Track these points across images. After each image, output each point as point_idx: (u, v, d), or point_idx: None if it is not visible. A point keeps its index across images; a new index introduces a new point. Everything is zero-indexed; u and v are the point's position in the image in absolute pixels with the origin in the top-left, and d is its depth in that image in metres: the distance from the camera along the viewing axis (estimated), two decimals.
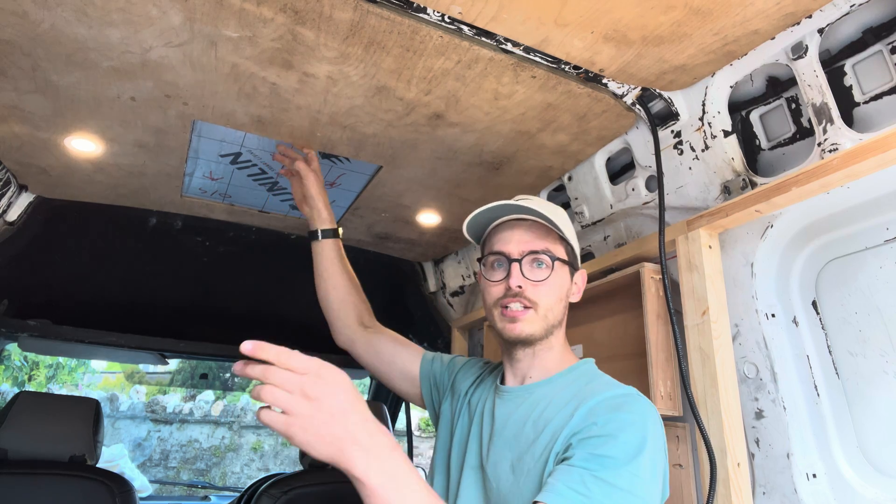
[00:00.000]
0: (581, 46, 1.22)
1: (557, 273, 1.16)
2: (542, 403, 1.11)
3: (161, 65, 1.32)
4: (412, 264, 2.77)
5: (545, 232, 1.18)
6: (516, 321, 1.13)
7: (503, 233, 1.19)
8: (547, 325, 1.15)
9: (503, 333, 1.15)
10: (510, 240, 1.17)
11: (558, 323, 1.18)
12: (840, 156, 1.07)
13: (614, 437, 0.95)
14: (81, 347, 2.79)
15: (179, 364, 12.74)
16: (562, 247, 1.19)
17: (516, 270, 1.13)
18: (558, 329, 1.19)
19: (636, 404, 1.03)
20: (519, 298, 1.13)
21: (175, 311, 2.73)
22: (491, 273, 1.18)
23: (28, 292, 2.42)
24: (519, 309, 1.13)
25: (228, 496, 4.41)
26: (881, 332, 1.17)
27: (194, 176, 1.92)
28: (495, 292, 1.16)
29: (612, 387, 1.08)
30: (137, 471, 8.65)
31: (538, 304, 1.13)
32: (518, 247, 1.15)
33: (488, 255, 1.19)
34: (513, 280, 1.12)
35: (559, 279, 1.17)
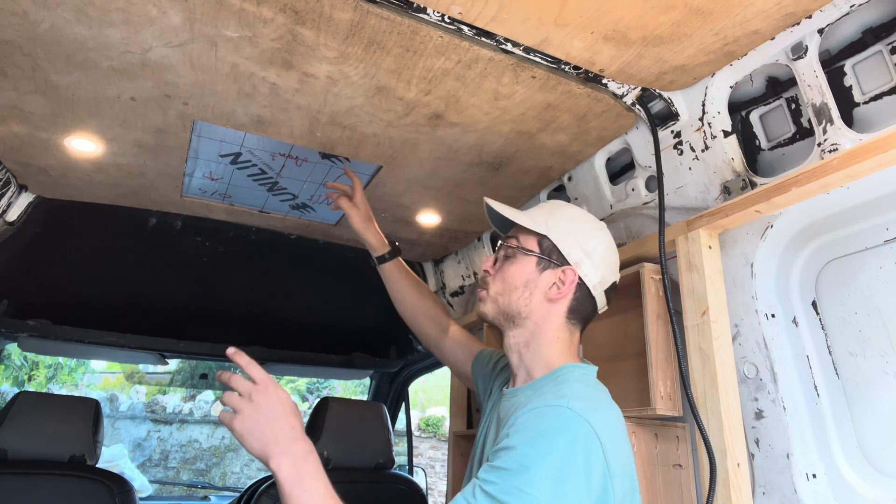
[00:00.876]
0: (581, 46, 1.22)
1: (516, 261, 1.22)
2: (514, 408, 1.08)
3: (161, 65, 1.32)
4: (412, 264, 2.77)
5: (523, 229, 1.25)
6: (480, 299, 1.26)
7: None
8: (498, 308, 1.22)
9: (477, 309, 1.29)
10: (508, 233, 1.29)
11: (519, 314, 1.18)
12: (840, 156, 1.07)
13: (513, 448, 0.93)
14: (81, 347, 2.79)
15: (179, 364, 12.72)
16: (533, 240, 1.21)
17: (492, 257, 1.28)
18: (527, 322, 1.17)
19: (555, 416, 0.97)
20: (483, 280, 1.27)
21: (175, 311, 2.72)
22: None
23: (28, 292, 2.42)
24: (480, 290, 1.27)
25: (228, 496, 4.41)
26: (881, 333, 1.17)
27: (194, 176, 1.92)
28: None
29: (554, 396, 1.02)
30: (137, 471, 8.65)
31: (489, 287, 1.24)
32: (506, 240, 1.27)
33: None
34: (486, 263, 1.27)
35: (515, 267, 1.21)
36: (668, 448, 1.46)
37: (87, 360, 11.25)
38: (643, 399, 1.43)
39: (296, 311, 2.89)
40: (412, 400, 3.67)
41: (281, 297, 2.83)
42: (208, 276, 2.60)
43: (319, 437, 2.28)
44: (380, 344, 3.15)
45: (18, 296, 2.40)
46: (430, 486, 3.57)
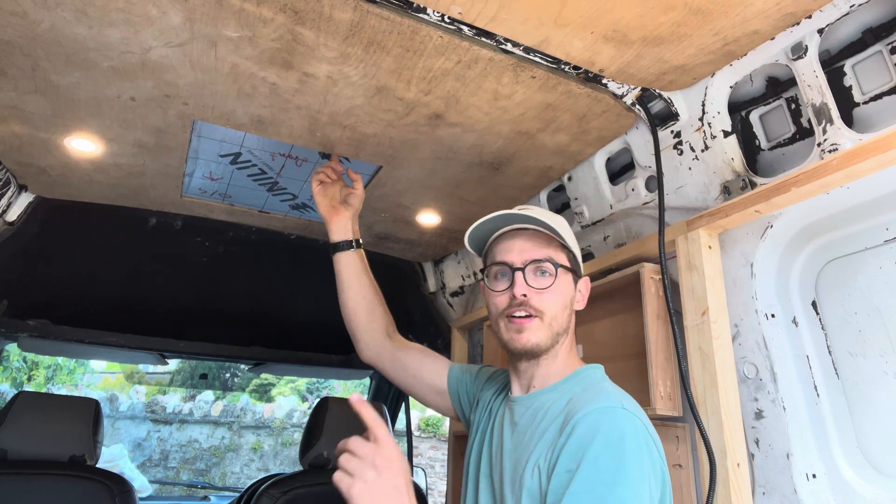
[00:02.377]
0: (581, 47, 1.22)
1: (561, 280, 1.15)
2: (540, 413, 1.10)
3: (161, 65, 1.32)
4: (412, 264, 2.77)
5: (547, 240, 1.17)
6: (522, 331, 1.11)
7: (504, 243, 1.18)
8: (552, 333, 1.13)
9: (509, 345, 1.14)
10: (512, 249, 1.16)
11: (564, 331, 1.16)
12: (840, 156, 1.07)
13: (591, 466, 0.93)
14: (81, 347, 2.79)
15: (179, 364, 12.74)
16: (564, 254, 1.19)
17: (520, 279, 1.12)
18: (564, 337, 1.17)
19: (610, 420, 0.98)
20: (524, 307, 1.11)
21: (175, 311, 2.72)
22: (495, 283, 1.17)
23: (28, 292, 2.42)
24: (525, 319, 1.11)
25: (228, 496, 4.41)
26: (881, 333, 1.17)
27: (194, 176, 1.92)
28: (500, 302, 1.14)
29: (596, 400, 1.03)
30: (137, 471, 8.65)
31: (543, 313, 1.12)
32: (521, 256, 1.15)
33: (491, 266, 1.18)
34: (517, 289, 1.11)
35: (563, 286, 1.16)
36: (668, 448, 1.46)
37: (87, 360, 11.25)
38: (643, 399, 1.42)
39: (296, 311, 2.89)
40: (412, 400, 3.66)
41: (281, 297, 2.83)
42: (208, 276, 2.60)
43: (319, 437, 2.28)
44: None
45: (18, 296, 2.40)
46: (430, 486, 3.57)
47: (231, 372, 13.59)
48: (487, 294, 1.19)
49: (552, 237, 1.18)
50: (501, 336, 1.16)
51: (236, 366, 11.96)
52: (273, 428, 11.51)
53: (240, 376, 13.66)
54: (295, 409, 11.83)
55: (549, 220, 1.15)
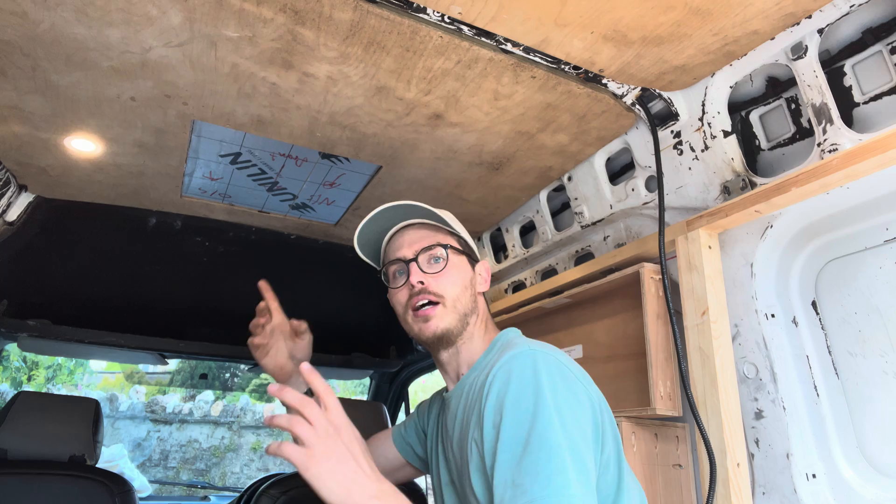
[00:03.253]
0: (581, 47, 1.22)
1: (453, 262, 1.17)
2: (471, 394, 1.09)
3: (161, 65, 1.32)
4: None
5: (434, 230, 1.20)
6: (429, 319, 1.12)
7: (394, 242, 1.21)
8: (459, 315, 1.13)
9: (421, 336, 1.14)
10: (402, 245, 1.19)
11: (471, 312, 1.16)
12: (840, 156, 1.07)
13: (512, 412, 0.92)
14: (81, 347, 2.79)
15: (179, 364, 12.73)
16: (453, 239, 1.22)
17: (414, 268, 1.14)
18: (473, 318, 1.17)
19: (521, 363, 0.97)
20: (423, 295, 1.12)
21: (175, 311, 2.72)
22: (394, 282, 1.19)
23: (28, 292, 2.42)
24: (428, 307, 1.12)
25: (228, 496, 4.41)
26: (881, 333, 1.17)
27: (194, 176, 1.92)
28: (402, 297, 1.16)
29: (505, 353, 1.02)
30: (137, 471, 8.65)
31: (444, 296, 1.13)
32: (411, 248, 1.17)
33: (388, 267, 1.20)
34: (413, 277, 1.13)
35: (458, 268, 1.18)
36: (667, 448, 1.46)
37: (87, 360, 11.25)
38: (643, 399, 1.43)
39: (295, 311, 2.89)
40: (412, 400, 3.66)
41: (280, 297, 2.83)
42: (208, 276, 2.60)
43: None
44: (379, 344, 3.15)
45: (18, 296, 2.40)
46: (430, 486, 3.57)
47: (231, 372, 13.58)
48: (390, 295, 1.20)
49: (439, 226, 1.21)
50: (412, 331, 1.16)
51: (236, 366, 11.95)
52: (273, 428, 11.50)
53: (240, 376, 13.65)
54: None
55: (430, 209, 1.18)
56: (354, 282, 2.78)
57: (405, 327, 1.19)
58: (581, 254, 1.92)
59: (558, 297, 1.80)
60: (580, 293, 1.71)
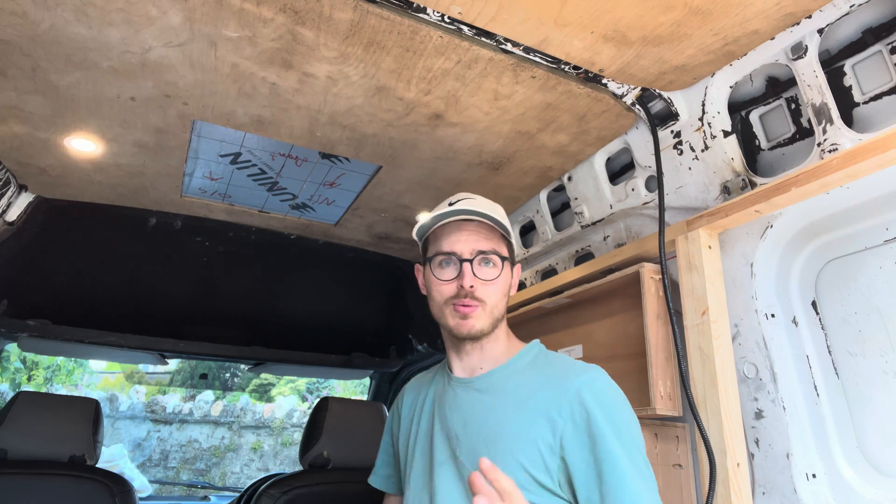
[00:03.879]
0: (581, 46, 1.22)
1: (504, 272, 1.21)
2: (508, 387, 1.16)
3: (161, 65, 1.32)
4: (412, 264, 2.77)
5: (490, 231, 1.21)
6: (468, 318, 1.16)
7: (452, 234, 1.20)
8: (493, 319, 1.19)
9: (455, 330, 1.19)
10: (459, 240, 1.19)
11: (502, 317, 1.23)
12: (840, 156, 1.07)
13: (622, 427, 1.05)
14: (81, 347, 2.79)
15: (179, 364, 12.74)
16: (505, 245, 1.24)
17: (468, 270, 1.16)
18: (502, 322, 1.24)
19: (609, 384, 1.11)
20: (470, 298, 1.17)
21: (175, 311, 2.72)
22: (440, 272, 1.20)
23: (28, 292, 2.42)
24: (470, 307, 1.16)
25: (228, 496, 4.41)
26: (881, 333, 1.17)
27: (194, 176, 1.92)
28: (446, 291, 1.19)
29: (579, 367, 1.15)
30: (137, 471, 8.64)
31: (486, 302, 1.17)
32: (468, 246, 1.18)
33: (437, 255, 1.21)
34: (466, 280, 1.15)
35: (505, 277, 1.22)
36: (667, 448, 1.46)
37: (87, 360, 11.25)
38: (643, 399, 1.43)
39: (296, 311, 2.89)
40: None
41: (281, 297, 2.84)
42: (208, 276, 2.61)
43: (319, 437, 2.28)
44: (379, 344, 3.15)
45: (18, 296, 2.40)
46: None
47: (231, 372, 13.59)
48: (431, 281, 1.22)
49: (495, 228, 1.22)
50: (447, 321, 1.20)
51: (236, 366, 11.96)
52: (273, 428, 11.51)
53: (240, 376, 13.66)
54: (295, 409, 11.83)
55: (493, 212, 1.19)
56: (354, 282, 2.78)
57: (436, 313, 1.23)
58: (581, 254, 1.92)
59: (558, 297, 1.80)
60: (580, 293, 1.71)
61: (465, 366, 1.24)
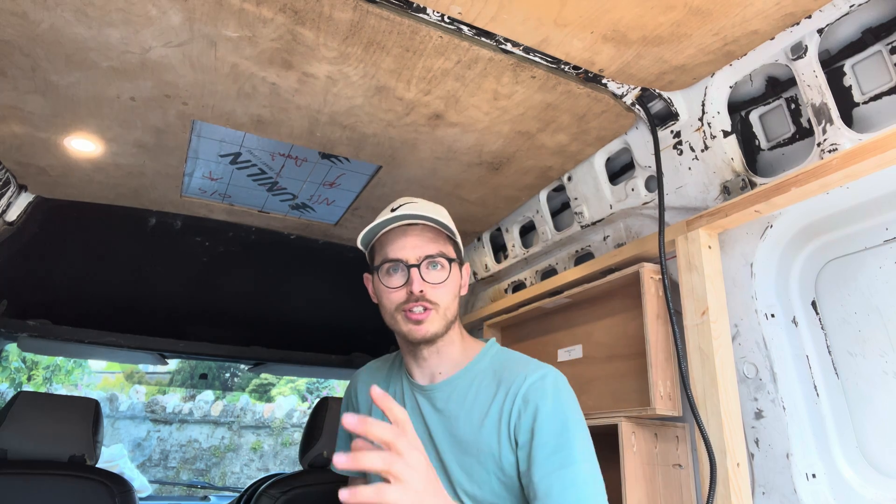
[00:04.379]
0: (581, 47, 1.22)
1: (452, 273, 1.21)
2: (469, 394, 1.19)
3: (161, 65, 1.32)
4: None
5: (435, 234, 1.21)
6: (421, 323, 1.17)
7: (397, 240, 1.20)
8: (446, 321, 1.20)
9: (409, 335, 1.19)
10: (405, 246, 1.19)
11: (455, 318, 1.24)
12: (839, 156, 1.07)
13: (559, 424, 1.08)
14: (81, 347, 2.79)
15: (179, 364, 12.74)
16: (451, 246, 1.24)
17: (416, 276, 1.16)
18: (455, 323, 1.25)
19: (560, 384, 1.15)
20: (421, 302, 1.16)
21: (175, 311, 2.73)
22: (388, 279, 1.20)
23: (28, 292, 2.42)
24: (421, 312, 1.16)
25: (228, 496, 4.41)
26: (881, 333, 1.17)
27: (194, 176, 1.92)
28: (396, 298, 1.19)
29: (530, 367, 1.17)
30: (137, 471, 8.65)
31: (438, 305, 1.18)
32: (414, 252, 1.18)
33: (384, 263, 1.20)
34: (415, 286, 1.15)
35: (454, 278, 1.22)
36: (667, 448, 1.46)
37: (87, 360, 11.25)
38: (643, 399, 1.43)
39: (296, 311, 2.89)
40: None
41: (281, 297, 2.84)
42: (208, 276, 2.61)
43: (319, 437, 2.28)
44: (380, 344, 3.15)
45: (18, 296, 2.40)
46: None
47: (231, 372, 13.59)
48: (381, 290, 1.21)
49: (440, 230, 1.22)
50: (400, 328, 1.20)
51: (236, 366, 11.96)
52: (273, 428, 11.51)
53: (240, 376, 13.66)
54: (295, 409, 11.83)
55: (435, 214, 1.19)
56: (354, 282, 2.77)
57: (389, 321, 1.23)
58: (581, 254, 1.92)
59: (558, 297, 1.80)
60: (580, 293, 1.71)
61: (425, 372, 1.25)
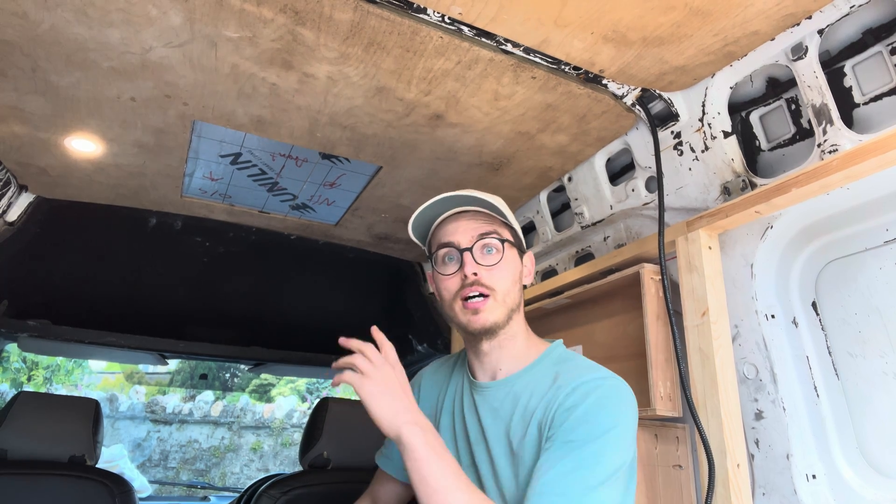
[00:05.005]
0: (581, 47, 1.22)
1: (508, 256, 1.16)
2: (524, 395, 1.11)
3: (161, 65, 1.32)
4: (412, 265, 2.77)
5: (489, 219, 1.18)
6: (478, 312, 1.11)
7: (448, 226, 1.18)
8: (507, 310, 1.14)
9: (468, 327, 1.13)
10: (456, 230, 1.16)
11: (517, 307, 1.17)
12: (840, 157, 1.07)
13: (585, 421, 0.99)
14: (81, 347, 2.79)
15: (179, 364, 12.73)
16: (507, 231, 1.20)
17: (469, 258, 1.12)
18: (517, 314, 1.17)
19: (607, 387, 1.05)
20: (476, 286, 1.11)
21: (175, 311, 2.73)
22: (443, 267, 1.17)
23: (28, 292, 2.42)
24: (479, 299, 1.12)
25: (228, 496, 4.41)
26: (881, 333, 1.17)
27: (194, 176, 1.92)
28: (451, 285, 1.14)
29: (585, 371, 1.08)
30: (137, 471, 8.64)
31: (495, 290, 1.12)
32: (466, 235, 1.15)
33: (438, 250, 1.18)
34: (467, 268, 1.11)
35: (511, 261, 1.16)
36: (667, 448, 1.46)
37: (87, 360, 11.25)
38: (643, 400, 1.42)
39: (296, 311, 2.89)
40: None
41: (281, 298, 2.84)
42: (208, 276, 2.61)
43: (319, 437, 2.28)
44: None
45: (18, 296, 2.40)
46: None
47: (231, 372, 13.58)
48: (438, 280, 1.18)
49: (493, 216, 1.19)
50: (458, 320, 1.15)
51: (236, 366, 11.96)
52: (273, 428, 11.51)
53: (240, 376, 13.66)
54: (295, 409, 11.83)
55: (489, 198, 1.17)
56: (354, 282, 2.78)
57: (448, 313, 1.17)
58: (581, 254, 1.92)
59: (558, 297, 1.80)
60: (580, 294, 1.71)
61: (486, 368, 1.19)
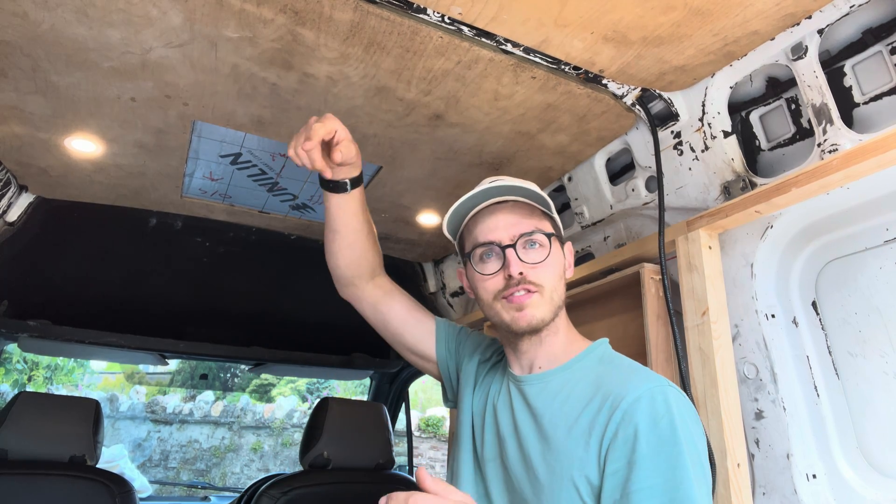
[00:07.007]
0: (581, 47, 1.22)
1: (554, 250, 1.07)
2: (561, 395, 1.02)
3: (161, 65, 1.32)
4: (412, 265, 2.77)
5: (529, 210, 1.08)
6: (524, 308, 1.02)
7: (485, 221, 1.08)
8: (554, 306, 1.05)
9: (512, 325, 1.04)
10: (497, 226, 1.06)
11: (562, 303, 1.09)
12: (840, 156, 1.07)
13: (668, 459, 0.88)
14: (81, 348, 2.79)
15: (179, 364, 12.75)
16: (548, 222, 1.11)
17: (513, 257, 1.03)
18: (562, 310, 1.10)
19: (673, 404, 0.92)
20: (522, 285, 1.03)
21: (175, 311, 2.72)
22: (483, 266, 1.07)
23: (28, 292, 2.42)
24: (524, 294, 1.02)
25: (228, 497, 4.41)
26: (881, 333, 1.17)
27: (194, 176, 1.92)
28: (492, 286, 1.05)
29: (639, 378, 0.97)
30: (137, 471, 8.65)
31: (543, 287, 1.04)
32: (507, 231, 1.05)
33: (475, 249, 1.08)
34: (512, 268, 1.02)
35: (556, 256, 1.08)
36: None
37: (88, 360, 11.26)
38: None
39: (296, 311, 2.89)
40: (412, 400, 3.66)
41: (281, 297, 2.84)
42: (208, 276, 2.61)
43: (319, 437, 2.28)
44: (380, 344, 3.14)
45: (18, 296, 2.40)
46: None
47: (231, 372, 13.59)
48: (475, 279, 1.08)
49: (533, 206, 1.09)
50: (501, 319, 1.05)
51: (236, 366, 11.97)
52: (273, 428, 11.52)
53: (240, 376, 13.67)
54: (295, 409, 11.84)
55: (529, 186, 1.07)
56: None
57: (488, 314, 1.08)
58: (581, 254, 1.92)
59: None
60: (580, 293, 1.71)
61: (523, 363, 1.11)
